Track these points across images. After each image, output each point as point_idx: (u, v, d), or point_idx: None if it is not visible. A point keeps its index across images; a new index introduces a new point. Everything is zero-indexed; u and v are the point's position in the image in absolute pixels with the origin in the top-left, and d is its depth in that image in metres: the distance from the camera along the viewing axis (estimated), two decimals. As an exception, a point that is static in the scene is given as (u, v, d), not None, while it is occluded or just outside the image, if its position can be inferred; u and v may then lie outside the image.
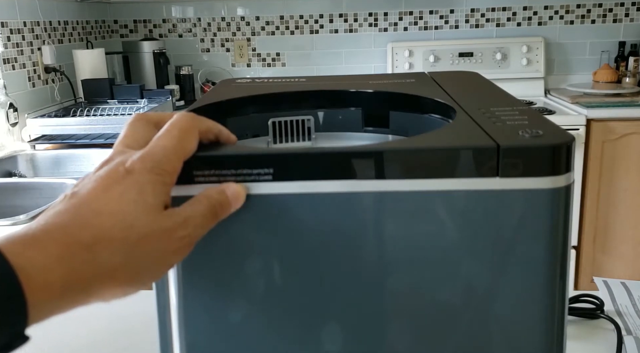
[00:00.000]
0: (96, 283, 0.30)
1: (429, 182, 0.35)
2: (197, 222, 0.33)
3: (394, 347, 0.38)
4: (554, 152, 0.34)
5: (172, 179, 0.33)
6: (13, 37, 2.11)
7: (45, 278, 0.28)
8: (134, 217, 0.30)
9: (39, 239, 0.29)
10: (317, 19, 2.82)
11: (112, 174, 0.32)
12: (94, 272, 0.29)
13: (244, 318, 0.38)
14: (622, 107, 2.29)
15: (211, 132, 0.37)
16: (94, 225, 0.30)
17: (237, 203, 0.35)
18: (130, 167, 0.32)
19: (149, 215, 0.31)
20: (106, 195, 0.31)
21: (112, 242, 0.30)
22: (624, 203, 2.31)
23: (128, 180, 0.31)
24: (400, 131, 0.52)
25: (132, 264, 0.30)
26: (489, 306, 0.37)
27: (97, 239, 0.29)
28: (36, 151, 1.96)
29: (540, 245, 0.35)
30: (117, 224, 0.30)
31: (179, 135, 0.34)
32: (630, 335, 0.69)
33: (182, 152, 0.34)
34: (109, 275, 0.30)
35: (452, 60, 2.71)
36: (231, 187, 0.35)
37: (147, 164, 0.32)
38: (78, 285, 0.29)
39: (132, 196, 0.31)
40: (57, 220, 0.30)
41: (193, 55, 2.89)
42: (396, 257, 0.36)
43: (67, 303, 0.29)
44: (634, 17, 2.72)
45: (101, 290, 0.30)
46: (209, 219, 0.34)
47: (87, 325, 0.76)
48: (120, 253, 0.30)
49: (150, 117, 0.37)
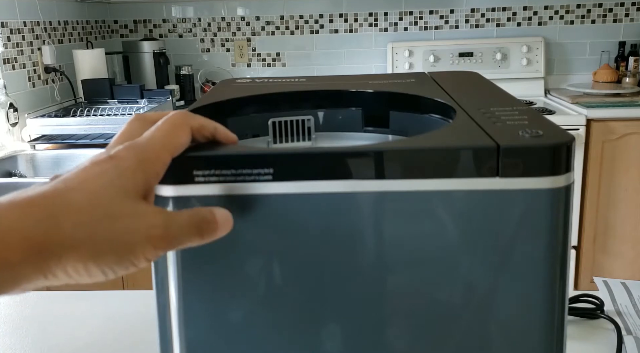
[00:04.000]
0: (57, 251, 0.29)
1: (429, 182, 0.35)
2: (177, 222, 0.32)
3: (394, 347, 0.38)
4: (554, 152, 0.34)
5: (156, 169, 0.33)
6: (13, 37, 2.11)
7: (6, 241, 0.28)
8: (106, 197, 0.31)
9: (3, 204, 0.29)
10: (317, 19, 2.82)
11: (95, 159, 0.32)
12: (56, 240, 0.29)
13: (244, 318, 0.38)
14: (622, 107, 2.29)
15: (205, 129, 0.37)
16: (64, 198, 0.30)
17: (225, 228, 0.34)
18: (115, 154, 0.32)
19: (123, 198, 0.31)
20: (84, 175, 0.31)
21: (78, 215, 0.30)
22: (624, 203, 2.31)
23: (109, 163, 0.32)
24: (400, 131, 0.52)
25: (97, 241, 0.30)
26: (489, 306, 0.37)
27: (63, 209, 0.30)
28: (36, 151, 1.96)
29: (540, 245, 0.35)
30: (87, 200, 0.30)
31: (167, 128, 0.34)
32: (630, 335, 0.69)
33: (169, 145, 0.34)
34: (71, 247, 0.30)
35: (452, 60, 2.71)
36: (220, 211, 0.34)
37: (131, 151, 0.33)
38: (40, 252, 0.29)
39: (110, 178, 0.31)
40: (29, 193, 0.30)
41: (193, 55, 2.89)
42: (396, 257, 0.36)
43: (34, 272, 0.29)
44: (634, 17, 2.72)
45: (62, 262, 0.30)
46: (191, 230, 0.33)
47: (87, 325, 0.76)
48: (83, 228, 0.30)
49: (148, 117, 0.37)
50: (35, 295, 0.85)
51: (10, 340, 0.73)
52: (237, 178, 0.35)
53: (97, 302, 0.82)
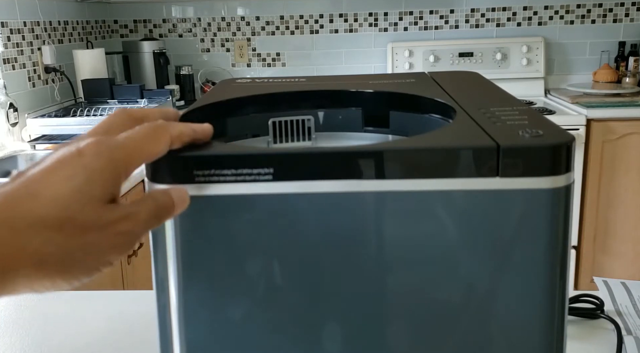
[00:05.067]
0: (22, 270, 0.28)
1: (429, 182, 0.35)
2: (140, 219, 0.32)
3: (394, 347, 0.38)
4: (554, 152, 0.34)
5: (125, 170, 0.32)
6: (13, 37, 2.11)
7: None
8: (75, 208, 0.29)
9: None
10: (317, 19, 2.82)
11: (63, 155, 0.30)
12: (20, 257, 0.28)
13: (244, 318, 0.38)
14: (622, 107, 2.29)
15: (185, 135, 0.35)
16: (30, 209, 0.28)
17: (180, 207, 0.34)
18: (83, 149, 0.30)
19: (92, 207, 0.29)
20: (50, 178, 0.29)
21: (47, 230, 0.28)
22: (624, 203, 2.31)
23: (77, 163, 0.30)
24: (400, 131, 0.52)
25: (65, 256, 0.29)
26: (489, 306, 0.37)
27: (30, 224, 0.28)
28: (36, 151, 1.95)
29: (540, 245, 0.35)
30: (55, 212, 0.28)
31: (147, 133, 0.33)
32: (630, 335, 0.69)
33: (146, 151, 0.33)
34: (37, 264, 0.28)
35: (452, 60, 2.71)
36: (176, 191, 0.34)
37: (101, 147, 0.31)
38: (2, 269, 0.27)
39: (78, 184, 0.29)
40: None
41: (193, 55, 2.89)
42: (396, 256, 0.36)
43: None
44: (634, 17, 2.72)
45: (28, 279, 0.28)
46: (152, 219, 0.33)
47: (87, 325, 0.76)
48: (53, 243, 0.28)
49: (133, 113, 0.36)
50: (35, 295, 0.85)
51: (10, 340, 0.73)
52: (237, 178, 0.35)
53: (97, 302, 0.82)
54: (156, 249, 0.38)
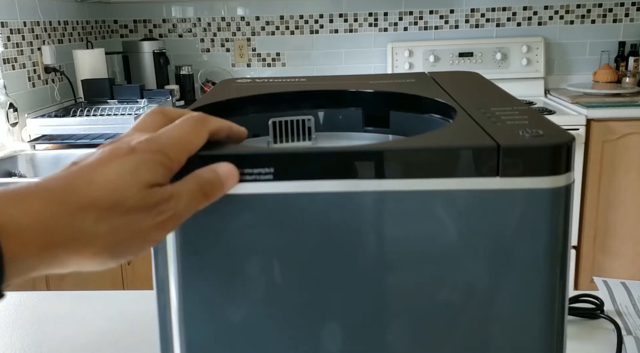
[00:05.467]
0: (75, 248, 0.30)
1: (429, 181, 0.35)
2: (183, 198, 0.33)
3: (394, 347, 0.38)
4: (554, 152, 0.34)
5: (173, 166, 0.33)
6: (13, 37, 2.11)
7: (25, 236, 0.28)
8: (125, 191, 0.31)
9: (26, 198, 0.29)
10: (317, 19, 2.82)
11: (115, 149, 0.32)
12: (73, 236, 0.30)
13: (244, 318, 0.38)
14: (622, 107, 2.29)
15: (221, 131, 0.37)
16: (83, 193, 0.30)
17: (230, 183, 0.35)
18: (135, 146, 0.33)
19: (138, 189, 0.31)
20: (104, 167, 0.31)
21: (98, 211, 0.30)
22: (624, 203, 2.31)
23: (129, 157, 0.32)
24: (400, 131, 0.52)
25: (114, 235, 0.31)
26: (489, 306, 0.37)
27: (83, 206, 0.30)
28: (36, 151, 1.96)
29: (540, 245, 0.35)
30: (107, 195, 0.31)
31: (187, 129, 0.35)
32: (630, 335, 0.69)
33: (189, 145, 0.34)
34: (88, 242, 0.30)
35: (452, 60, 2.71)
36: (223, 166, 0.35)
37: (152, 145, 0.33)
38: (57, 247, 0.29)
39: (128, 170, 0.31)
40: (49, 184, 0.30)
41: (193, 55, 2.89)
42: (396, 256, 0.36)
43: (45, 264, 0.30)
44: (634, 17, 2.72)
45: (79, 256, 0.30)
46: (197, 197, 0.34)
47: (87, 325, 0.76)
48: (104, 223, 0.30)
49: (169, 112, 0.37)
50: (35, 295, 0.85)
51: (10, 340, 0.73)
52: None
53: (98, 302, 0.82)
54: (156, 249, 0.38)
